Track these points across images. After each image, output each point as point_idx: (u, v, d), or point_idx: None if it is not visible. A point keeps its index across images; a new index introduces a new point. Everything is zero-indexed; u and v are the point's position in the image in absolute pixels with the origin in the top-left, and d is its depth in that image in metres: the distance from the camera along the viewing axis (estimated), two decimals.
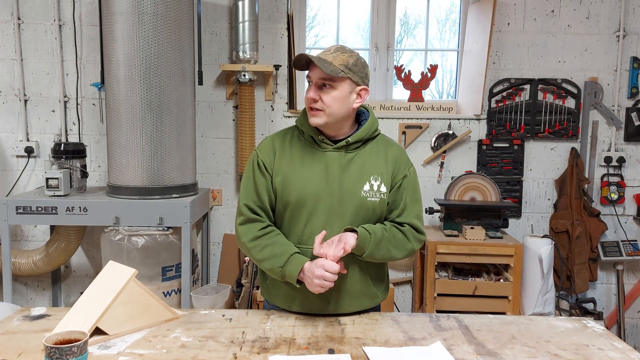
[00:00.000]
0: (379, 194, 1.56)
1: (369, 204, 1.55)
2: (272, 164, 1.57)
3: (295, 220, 1.56)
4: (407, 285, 3.35)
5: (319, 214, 1.53)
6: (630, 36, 3.14)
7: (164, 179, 2.68)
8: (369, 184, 1.55)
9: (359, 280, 1.59)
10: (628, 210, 3.25)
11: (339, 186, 1.53)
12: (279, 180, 1.56)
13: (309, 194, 1.53)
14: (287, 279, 1.49)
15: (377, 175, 1.56)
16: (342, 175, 1.54)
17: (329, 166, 1.54)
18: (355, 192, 1.54)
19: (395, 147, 1.64)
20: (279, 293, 1.62)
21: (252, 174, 1.60)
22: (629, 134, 3.19)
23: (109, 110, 2.71)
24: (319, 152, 1.56)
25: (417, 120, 3.20)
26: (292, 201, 1.54)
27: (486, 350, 1.36)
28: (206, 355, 1.30)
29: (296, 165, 1.56)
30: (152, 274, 2.67)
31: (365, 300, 1.62)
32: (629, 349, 1.38)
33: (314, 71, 1.49)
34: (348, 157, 1.56)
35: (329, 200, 1.53)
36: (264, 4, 3.12)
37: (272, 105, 3.21)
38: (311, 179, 1.54)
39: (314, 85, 1.50)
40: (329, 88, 1.49)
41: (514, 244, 2.79)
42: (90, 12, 3.11)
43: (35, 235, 3.28)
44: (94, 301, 1.41)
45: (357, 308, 1.61)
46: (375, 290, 1.64)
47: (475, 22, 3.14)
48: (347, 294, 1.58)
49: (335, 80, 1.48)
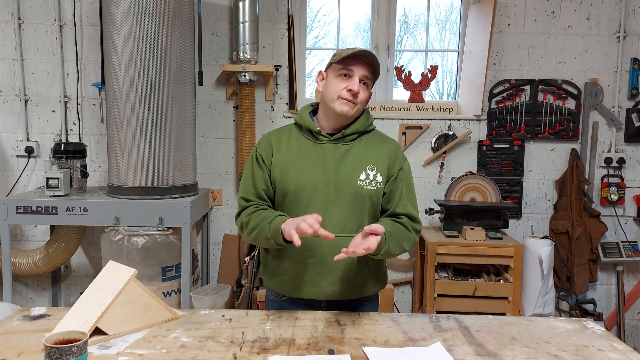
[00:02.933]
0: (375, 183, 1.61)
1: (365, 192, 1.60)
2: (269, 157, 1.64)
3: (294, 209, 1.61)
4: (407, 286, 3.35)
5: (317, 202, 1.59)
6: (631, 37, 3.14)
7: (164, 179, 2.68)
8: (365, 174, 1.61)
9: (361, 267, 1.64)
10: (628, 211, 3.25)
11: (335, 175, 1.60)
12: (277, 172, 1.63)
13: (307, 183, 1.59)
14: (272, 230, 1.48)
15: (373, 165, 1.62)
16: (339, 165, 1.61)
17: (326, 157, 1.61)
18: (352, 181, 1.60)
19: (391, 142, 1.71)
20: (281, 280, 1.67)
21: (250, 167, 1.68)
22: (629, 135, 3.19)
23: (109, 110, 2.72)
24: (316, 144, 1.63)
25: (417, 121, 3.20)
26: (291, 190, 1.60)
27: (486, 351, 1.36)
28: (206, 355, 1.30)
29: (294, 156, 1.63)
30: (152, 274, 2.67)
31: (366, 287, 1.68)
32: (629, 349, 1.38)
33: (362, 67, 1.57)
34: (344, 148, 1.63)
35: (326, 189, 1.59)
36: (264, 5, 3.13)
37: (272, 106, 3.21)
38: (309, 169, 1.60)
39: (358, 79, 1.56)
40: (365, 86, 1.60)
41: (514, 244, 2.79)
42: (91, 12, 3.11)
43: (35, 235, 3.28)
44: (93, 301, 1.41)
45: (358, 295, 1.67)
46: (375, 278, 1.70)
47: (476, 22, 3.14)
48: (348, 280, 1.63)
49: (371, 80, 1.61)
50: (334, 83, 1.59)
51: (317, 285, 1.63)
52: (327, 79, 1.63)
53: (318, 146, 1.63)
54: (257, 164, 1.65)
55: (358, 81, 1.56)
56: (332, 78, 1.60)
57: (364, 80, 1.58)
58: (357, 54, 1.55)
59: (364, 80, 1.58)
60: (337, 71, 1.58)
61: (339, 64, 1.57)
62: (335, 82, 1.58)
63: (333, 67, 1.60)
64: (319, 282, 1.62)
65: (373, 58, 1.57)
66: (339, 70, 1.58)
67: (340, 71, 1.57)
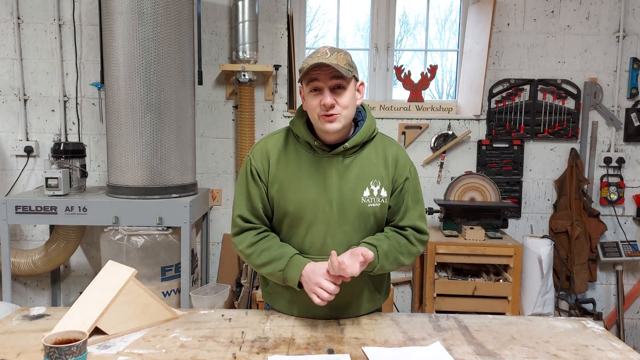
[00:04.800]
0: (380, 198, 1.52)
1: (370, 210, 1.51)
2: (266, 173, 1.53)
3: (295, 230, 1.53)
4: (406, 286, 3.35)
5: (319, 223, 1.50)
6: (630, 37, 3.14)
7: (163, 178, 2.68)
8: (368, 190, 1.51)
9: (362, 289, 1.58)
10: (627, 210, 3.25)
11: (338, 193, 1.49)
12: (275, 189, 1.52)
13: (307, 203, 1.49)
14: (289, 283, 1.46)
15: (377, 179, 1.52)
16: (341, 181, 1.50)
17: (327, 173, 1.50)
18: (355, 199, 1.50)
19: (394, 146, 1.59)
20: (281, 298, 1.60)
21: (245, 182, 1.56)
22: (628, 134, 3.19)
23: (108, 110, 2.71)
24: (315, 159, 1.51)
25: (417, 121, 3.20)
26: (291, 211, 1.50)
27: (485, 350, 1.36)
28: (205, 355, 1.30)
29: (293, 173, 1.51)
30: (152, 274, 2.67)
31: (367, 305, 1.61)
32: (628, 349, 1.38)
33: (324, 76, 1.42)
34: (346, 163, 1.51)
35: (328, 208, 1.49)
36: (263, 4, 3.12)
37: (271, 105, 3.21)
38: (309, 187, 1.49)
39: (327, 89, 1.42)
40: (341, 90, 1.44)
41: (514, 244, 2.79)
42: (90, 11, 3.11)
43: (35, 235, 3.28)
44: (93, 301, 1.41)
45: (359, 313, 1.60)
46: (378, 295, 1.64)
47: (475, 22, 3.14)
48: (349, 301, 1.57)
49: (346, 81, 1.44)
50: (309, 101, 1.46)
51: (315, 308, 1.49)
52: (304, 95, 1.50)
53: (318, 160, 1.51)
54: (253, 180, 1.53)
55: (329, 92, 1.42)
56: (306, 95, 1.48)
57: (334, 86, 1.42)
58: (316, 66, 1.40)
59: (336, 86, 1.42)
60: (307, 86, 1.46)
61: (305, 80, 1.45)
62: (310, 99, 1.46)
63: (303, 84, 1.48)
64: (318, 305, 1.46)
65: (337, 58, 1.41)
66: (307, 86, 1.45)
67: (308, 86, 1.45)
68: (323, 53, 1.42)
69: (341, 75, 1.42)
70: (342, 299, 1.51)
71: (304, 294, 1.46)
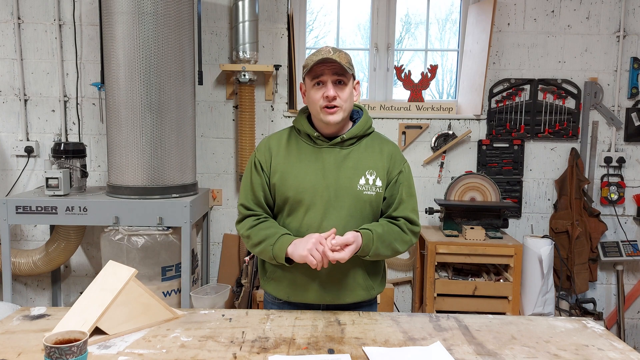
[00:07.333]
0: (375, 187, 1.62)
1: (365, 198, 1.61)
2: (268, 163, 1.65)
3: (294, 214, 1.63)
4: (407, 286, 3.35)
5: (317, 207, 1.60)
6: (630, 36, 3.14)
7: (163, 178, 2.68)
8: (364, 178, 1.62)
9: (356, 273, 1.65)
10: (628, 210, 3.25)
11: (335, 180, 1.60)
12: (277, 177, 1.63)
13: (306, 188, 1.60)
14: (276, 254, 1.54)
15: (373, 169, 1.63)
16: (338, 170, 1.61)
17: (325, 162, 1.62)
18: (351, 186, 1.60)
19: (390, 144, 1.70)
20: (279, 284, 1.68)
21: (249, 174, 1.69)
22: (629, 134, 3.19)
23: (109, 110, 2.71)
24: (315, 149, 1.64)
25: (417, 121, 3.20)
26: (291, 195, 1.61)
27: (486, 350, 1.36)
28: (206, 355, 1.30)
29: (293, 162, 1.63)
30: (152, 274, 2.67)
31: (362, 292, 1.67)
32: (629, 349, 1.38)
33: (327, 71, 1.55)
34: (343, 153, 1.63)
35: (325, 194, 1.59)
36: (264, 4, 3.12)
37: (272, 105, 3.21)
38: (308, 174, 1.61)
39: (331, 83, 1.55)
40: (342, 85, 1.57)
41: (514, 244, 2.79)
42: (90, 11, 3.11)
43: (35, 235, 3.28)
44: (93, 301, 1.41)
45: (354, 299, 1.67)
46: (371, 283, 1.69)
47: (476, 22, 3.14)
48: (343, 285, 1.64)
49: (347, 77, 1.57)
50: (311, 94, 1.59)
51: (313, 291, 1.63)
52: (306, 91, 1.63)
53: (317, 151, 1.63)
54: (256, 171, 1.66)
55: (332, 85, 1.55)
56: (309, 90, 1.61)
57: (336, 80, 1.56)
58: (322, 61, 1.54)
59: (337, 80, 1.56)
60: (311, 81, 1.59)
61: (310, 75, 1.58)
62: (312, 93, 1.58)
63: (307, 79, 1.61)
64: (316, 288, 1.63)
65: (339, 57, 1.54)
66: (311, 81, 1.58)
67: (313, 81, 1.58)
68: (326, 51, 1.56)
69: (343, 72, 1.56)
70: (335, 282, 1.63)
71: (299, 278, 1.61)
